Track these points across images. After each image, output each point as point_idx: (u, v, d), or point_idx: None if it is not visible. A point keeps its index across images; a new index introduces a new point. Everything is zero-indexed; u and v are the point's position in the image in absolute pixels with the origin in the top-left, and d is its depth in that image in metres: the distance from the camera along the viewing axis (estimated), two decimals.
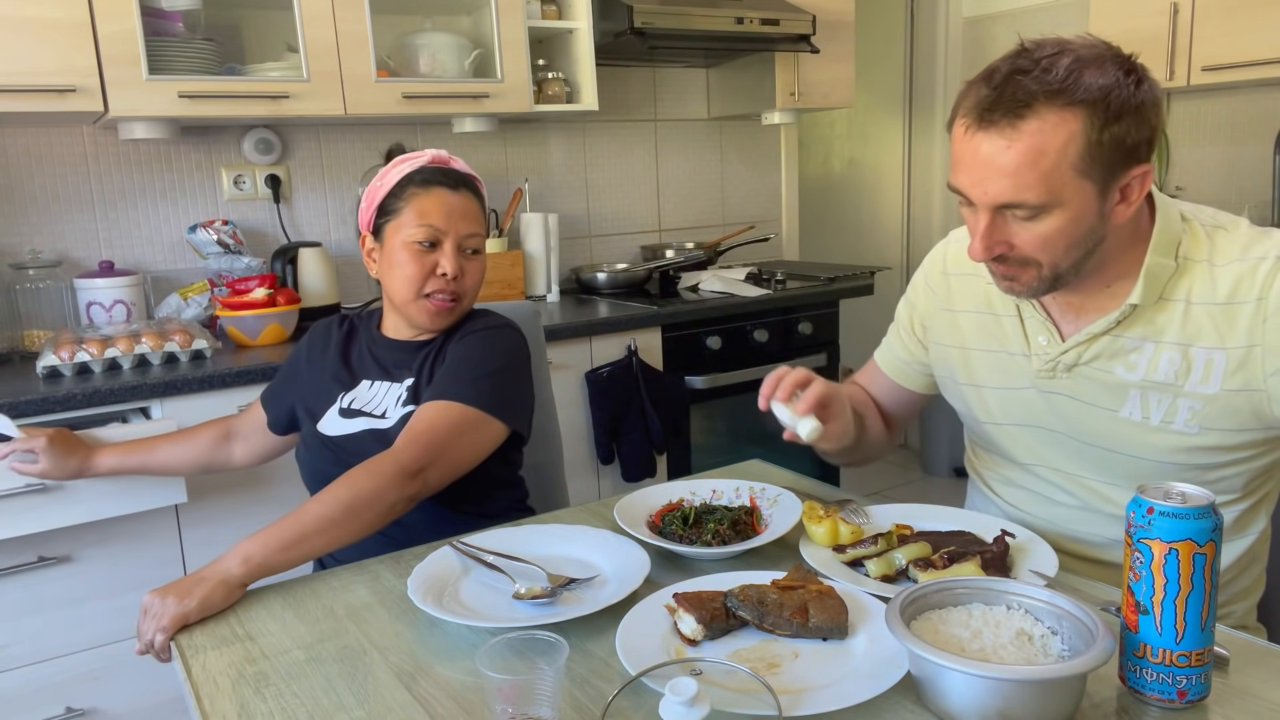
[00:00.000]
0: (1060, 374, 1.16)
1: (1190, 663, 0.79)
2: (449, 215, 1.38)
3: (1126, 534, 0.81)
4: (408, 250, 1.36)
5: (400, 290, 1.38)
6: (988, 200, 1.02)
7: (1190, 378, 1.08)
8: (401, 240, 1.37)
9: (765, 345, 2.73)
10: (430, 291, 1.38)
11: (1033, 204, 1.00)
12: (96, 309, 2.23)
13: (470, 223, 1.40)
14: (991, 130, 0.99)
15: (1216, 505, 0.79)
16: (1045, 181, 0.99)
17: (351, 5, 2.26)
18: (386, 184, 1.40)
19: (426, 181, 1.38)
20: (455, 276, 1.37)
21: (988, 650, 0.82)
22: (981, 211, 1.03)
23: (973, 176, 1.02)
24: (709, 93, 3.33)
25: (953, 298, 1.30)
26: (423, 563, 1.13)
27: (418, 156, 1.41)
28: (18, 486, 1.68)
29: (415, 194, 1.37)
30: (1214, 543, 0.78)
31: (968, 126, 1.01)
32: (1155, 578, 0.79)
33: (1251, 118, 2.95)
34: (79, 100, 1.99)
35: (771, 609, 0.94)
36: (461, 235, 1.38)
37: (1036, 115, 0.97)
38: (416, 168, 1.39)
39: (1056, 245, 1.03)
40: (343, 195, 2.68)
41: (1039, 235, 1.03)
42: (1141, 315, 1.10)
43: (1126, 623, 0.82)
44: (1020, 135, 0.98)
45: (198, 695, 0.92)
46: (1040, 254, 1.04)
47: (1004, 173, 0.99)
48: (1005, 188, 1.00)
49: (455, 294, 1.39)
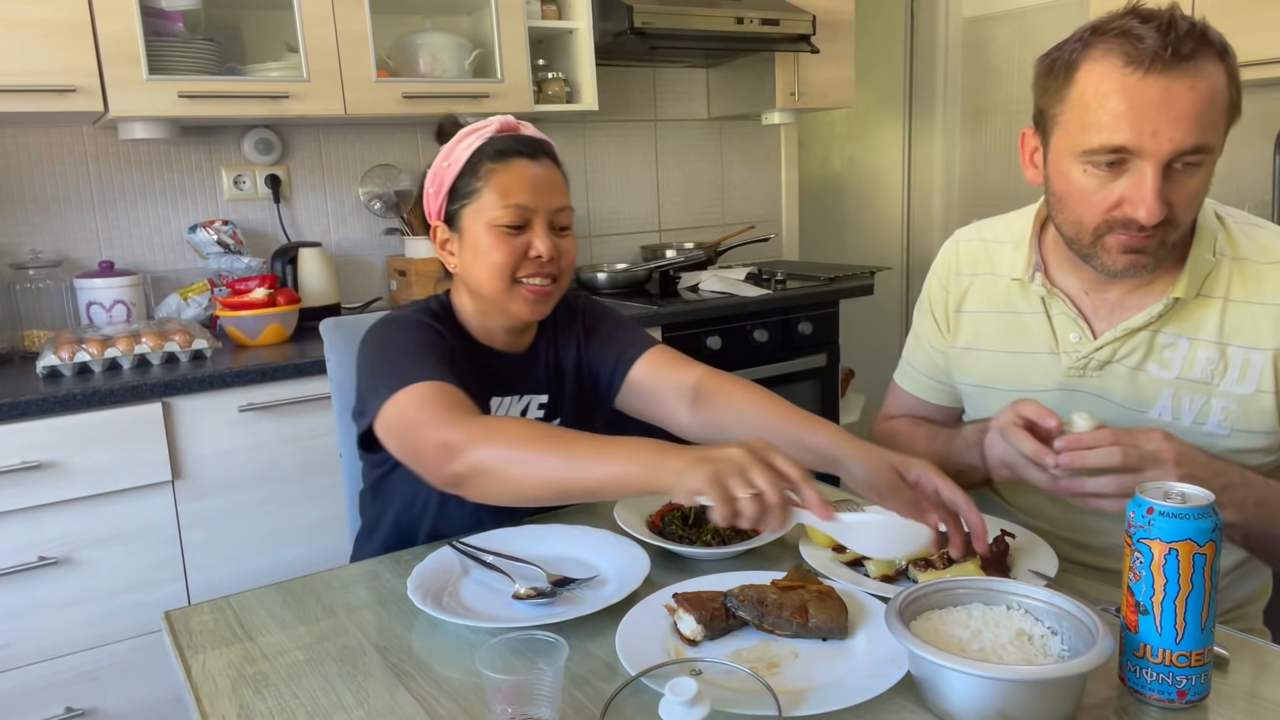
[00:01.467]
0: (1091, 371, 1.14)
1: (1190, 663, 0.79)
2: (535, 189, 1.21)
3: (1126, 534, 0.81)
4: (493, 234, 1.20)
5: (490, 280, 1.22)
6: (1171, 147, 0.96)
7: (1226, 377, 1.06)
8: (485, 224, 1.21)
9: (765, 345, 2.73)
10: (524, 276, 1.23)
11: (1210, 147, 0.97)
12: (96, 309, 2.23)
13: (558, 194, 1.24)
14: (1173, 72, 0.94)
15: (1216, 505, 0.79)
16: (1217, 124, 0.97)
17: (351, 5, 2.26)
18: (455, 163, 1.23)
19: (502, 154, 1.21)
20: (551, 257, 1.22)
21: (987, 650, 0.82)
22: (1154, 163, 0.97)
23: (1151, 124, 0.95)
24: (709, 93, 3.33)
25: (965, 299, 1.28)
26: (423, 563, 1.13)
27: (484, 126, 1.24)
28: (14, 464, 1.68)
29: (493, 170, 1.21)
30: (1214, 543, 0.78)
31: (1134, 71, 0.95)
32: (1155, 578, 0.79)
33: (1251, 118, 2.95)
34: (79, 100, 1.99)
35: (771, 609, 0.94)
36: (551, 210, 1.23)
37: (1204, 57, 0.96)
38: (486, 139, 1.22)
39: (1197, 202, 1.02)
40: (343, 195, 2.68)
41: (1194, 191, 1.00)
42: (1180, 311, 1.08)
43: (1126, 623, 0.82)
44: (1201, 76, 0.95)
45: (197, 695, 0.92)
46: (1188, 212, 1.01)
47: (1190, 114, 0.95)
48: (1191, 130, 0.95)
49: (552, 275, 1.24)
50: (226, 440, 1.98)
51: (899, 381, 1.41)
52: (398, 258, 2.67)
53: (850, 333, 2.98)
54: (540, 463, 0.97)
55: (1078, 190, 1.03)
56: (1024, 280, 1.19)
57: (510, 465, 0.99)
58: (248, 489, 2.01)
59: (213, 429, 1.96)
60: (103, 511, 1.86)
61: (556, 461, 0.96)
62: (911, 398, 1.39)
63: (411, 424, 1.07)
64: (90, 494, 1.84)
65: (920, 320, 1.37)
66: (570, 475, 0.96)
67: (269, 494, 2.03)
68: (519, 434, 1.01)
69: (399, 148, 2.74)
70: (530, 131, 1.26)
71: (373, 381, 1.15)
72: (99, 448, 1.84)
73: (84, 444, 1.82)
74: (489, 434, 1.01)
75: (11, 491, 1.77)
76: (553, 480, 0.97)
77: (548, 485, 0.98)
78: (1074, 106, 1.01)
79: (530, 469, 0.98)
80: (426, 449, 1.04)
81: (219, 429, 1.97)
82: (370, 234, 2.73)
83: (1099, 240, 1.04)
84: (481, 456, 1.00)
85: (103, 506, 1.86)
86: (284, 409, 2.02)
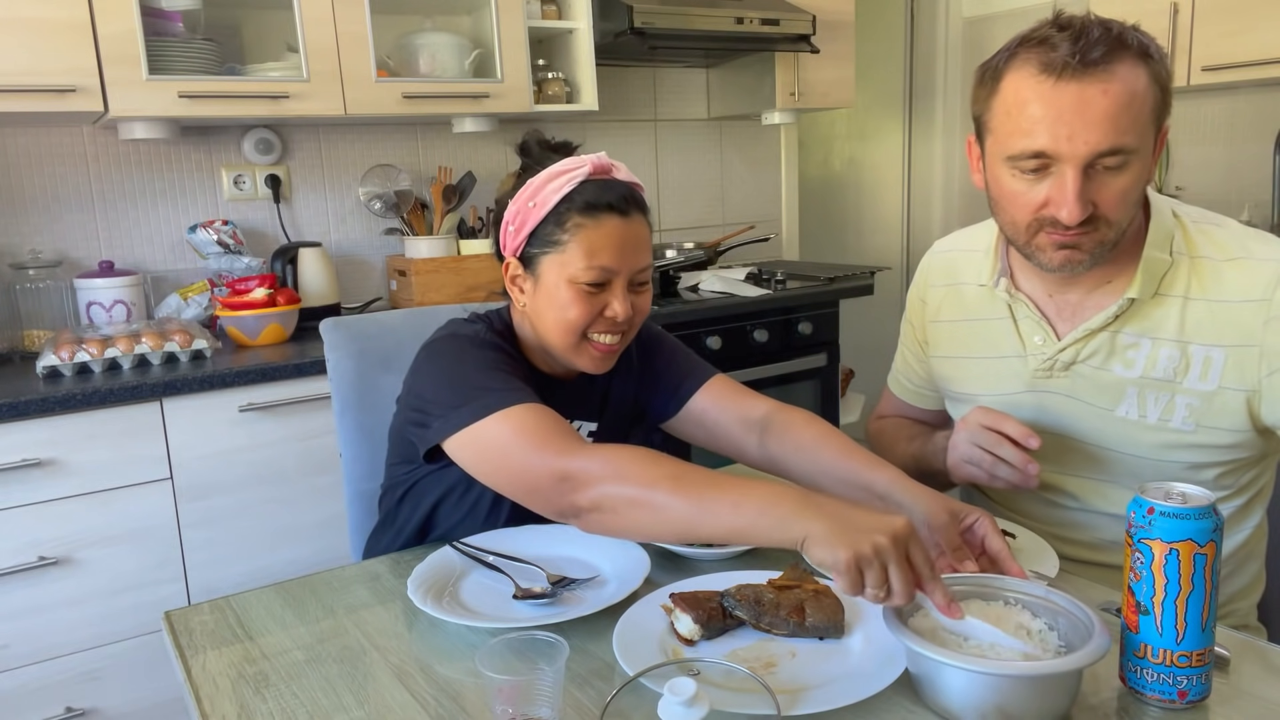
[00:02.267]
0: (1058, 373, 1.16)
1: (1191, 663, 0.79)
2: (622, 251, 1.14)
3: (1127, 534, 0.81)
4: (573, 290, 1.14)
5: (560, 334, 1.17)
6: (1086, 150, 0.99)
7: (1189, 374, 1.08)
8: (566, 278, 1.14)
9: (765, 345, 2.73)
10: (595, 333, 1.18)
11: (1129, 148, 0.99)
12: (96, 309, 2.23)
13: (643, 254, 1.17)
14: (1085, 77, 0.98)
15: (1217, 505, 0.79)
16: (1135, 125, 0.99)
17: (351, 5, 2.26)
18: (541, 206, 1.14)
19: (593, 208, 1.13)
20: (627, 316, 1.17)
21: (985, 647, 0.82)
22: (1070, 167, 1.00)
23: (1066, 129, 0.99)
24: (709, 93, 3.33)
25: (941, 309, 1.31)
26: (423, 563, 1.13)
27: (576, 167, 1.15)
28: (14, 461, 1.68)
29: (582, 226, 1.13)
30: (1214, 543, 0.78)
31: (1047, 79, 0.99)
32: (1156, 578, 0.79)
33: (1251, 118, 2.95)
34: (79, 100, 1.99)
35: (768, 608, 0.94)
36: (635, 271, 1.16)
37: (1120, 61, 0.98)
38: (577, 184, 1.14)
39: (1130, 200, 1.03)
40: (343, 195, 2.68)
41: (1121, 191, 1.02)
42: (1139, 311, 1.10)
43: (1127, 623, 0.82)
44: (1114, 79, 0.98)
45: (197, 695, 0.92)
46: (1118, 211, 1.03)
47: (1104, 116, 0.98)
48: (1106, 132, 0.98)
49: (624, 331, 1.20)
50: (226, 440, 1.98)
51: (890, 385, 1.48)
52: (398, 258, 2.67)
53: (850, 333, 2.98)
54: (670, 507, 0.94)
55: (1009, 193, 1.07)
56: (990, 286, 1.23)
57: (636, 507, 0.96)
58: (248, 489, 2.01)
59: (213, 429, 1.96)
60: (103, 511, 1.86)
61: (687, 508, 0.94)
62: (900, 401, 1.46)
63: (515, 450, 1.04)
64: (90, 494, 1.85)
65: (903, 330, 1.43)
66: (701, 523, 0.94)
67: (269, 494, 2.03)
68: (645, 472, 0.97)
69: (399, 148, 2.74)
70: (624, 176, 1.19)
71: (453, 398, 1.11)
72: (99, 448, 1.84)
73: (84, 444, 1.83)
74: (615, 470, 0.98)
75: (12, 492, 1.78)
76: (681, 527, 0.96)
77: (674, 530, 0.97)
78: (998, 114, 1.05)
79: (658, 513, 0.95)
80: (540, 479, 1.02)
81: (219, 429, 1.97)
82: (370, 234, 2.73)
83: (1033, 239, 1.08)
84: (607, 493, 0.97)
85: (103, 506, 1.86)
86: (284, 409, 2.02)
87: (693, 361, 1.36)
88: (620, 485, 0.97)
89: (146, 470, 1.89)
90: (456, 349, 1.19)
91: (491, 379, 1.12)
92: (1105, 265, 1.10)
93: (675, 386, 1.33)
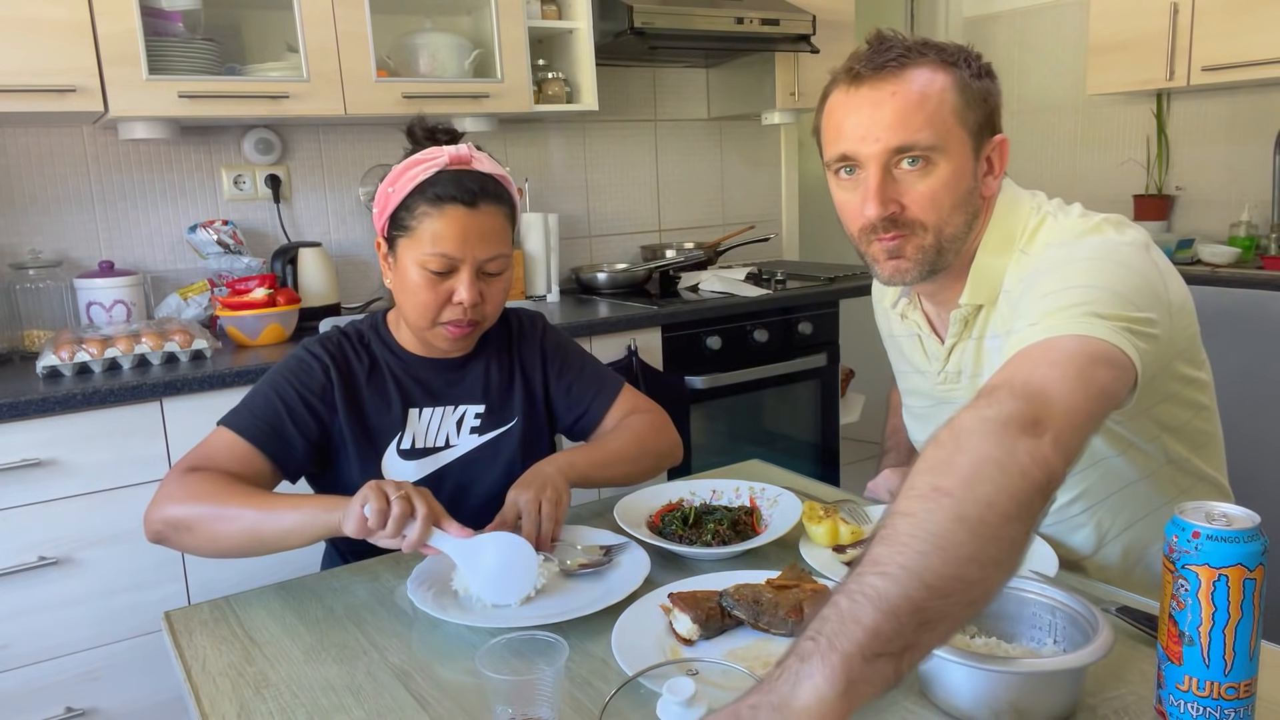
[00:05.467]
0: (950, 382, 1.20)
1: (1239, 694, 0.73)
2: (465, 240, 1.21)
3: (1167, 559, 0.75)
4: (420, 274, 1.22)
5: (412, 316, 1.26)
6: (879, 148, 1.03)
7: None
8: (413, 260, 1.22)
9: (765, 345, 2.73)
10: (446, 320, 1.25)
11: (923, 145, 1.02)
12: (96, 309, 2.23)
13: (491, 244, 1.23)
14: (875, 82, 1.03)
15: (1262, 526, 0.73)
16: (931, 123, 1.02)
17: (351, 5, 2.26)
18: (398, 193, 1.23)
19: (440, 199, 1.20)
20: (474, 304, 1.23)
21: (990, 644, 0.82)
22: (872, 165, 1.04)
23: (860, 130, 1.04)
24: (709, 93, 3.33)
25: (890, 327, 1.34)
26: (423, 563, 1.13)
27: (433, 158, 1.22)
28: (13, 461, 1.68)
29: (426, 214, 1.20)
30: (1263, 566, 0.72)
31: (847, 89, 1.05)
32: (1203, 606, 0.72)
33: (1251, 118, 2.95)
34: (79, 100, 1.99)
35: (767, 608, 0.94)
36: (480, 260, 1.22)
37: (914, 66, 1.03)
38: (430, 174, 1.21)
39: (943, 203, 1.05)
40: (343, 195, 2.68)
41: (928, 191, 1.04)
42: (994, 314, 1.12)
43: (1168, 654, 0.75)
44: (903, 81, 1.03)
45: (197, 695, 0.92)
46: (929, 213, 1.06)
47: (894, 115, 1.02)
48: (897, 131, 1.02)
49: (473, 321, 1.26)
50: None
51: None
52: None
53: (850, 333, 2.98)
54: (240, 516, 1.13)
55: (839, 204, 1.12)
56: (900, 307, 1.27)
57: (212, 521, 1.15)
58: None
59: (213, 429, 1.95)
60: (103, 511, 1.86)
61: (255, 514, 1.13)
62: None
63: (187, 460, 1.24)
64: (90, 494, 1.84)
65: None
66: (265, 523, 1.13)
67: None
68: (214, 492, 1.16)
69: (399, 148, 2.69)
70: (483, 166, 1.25)
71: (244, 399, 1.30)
72: (99, 448, 1.84)
73: (84, 444, 1.83)
74: (188, 493, 1.16)
75: (12, 493, 1.77)
76: (250, 529, 1.13)
77: (243, 532, 1.13)
78: (823, 130, 1.12)
79: (231, 522, 1.13)
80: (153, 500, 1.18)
81: None
82: (370, 234, 2.73)
83: (867, 250, 1.12)
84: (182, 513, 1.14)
85: (103, 506, 1.86)
86: None
87: (602, 374, 1.43)
88: (191, 505, 1.14)
89: (147, 470, 1.88)
90: (280, 364, 1.31)
91: (254, 398, 1.28)
92: (951, 275, 1.12)
93: (589, 402, 1.41)
